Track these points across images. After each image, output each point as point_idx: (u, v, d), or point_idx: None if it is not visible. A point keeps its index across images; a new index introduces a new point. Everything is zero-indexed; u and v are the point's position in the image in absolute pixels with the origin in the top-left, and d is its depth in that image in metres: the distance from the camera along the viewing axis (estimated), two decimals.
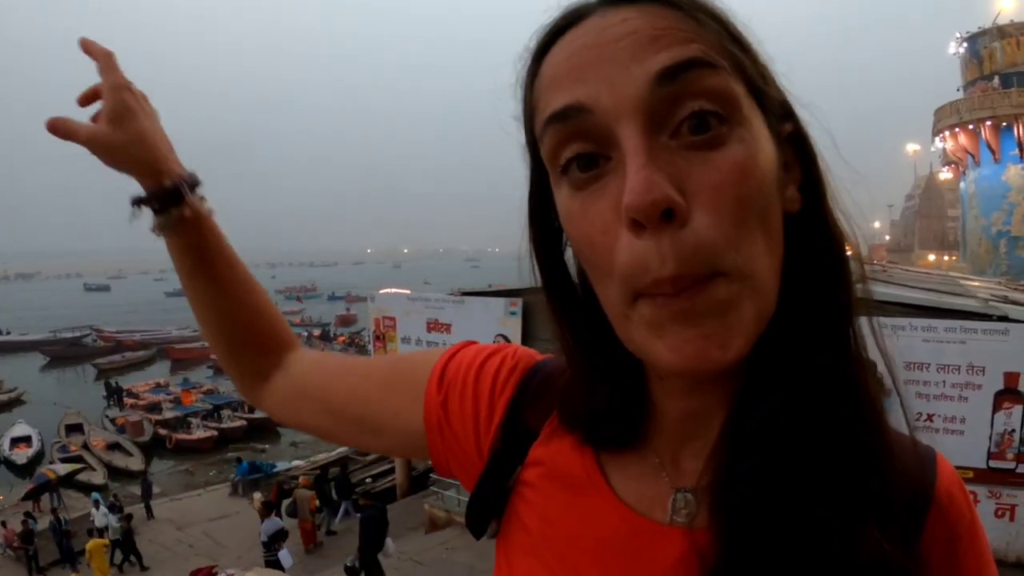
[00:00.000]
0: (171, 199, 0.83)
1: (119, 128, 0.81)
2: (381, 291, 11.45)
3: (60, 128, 0.80)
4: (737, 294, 0.50)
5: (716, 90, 0.49)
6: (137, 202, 0.84)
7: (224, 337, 0.91)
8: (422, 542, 10.95)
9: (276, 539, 10.40)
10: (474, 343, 0.82)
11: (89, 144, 0.81)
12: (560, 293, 0.64)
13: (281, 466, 17.93)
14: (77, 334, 54.70)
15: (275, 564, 10.20)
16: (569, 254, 0.63)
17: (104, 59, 0.83)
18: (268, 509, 10.88)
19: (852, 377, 0.56)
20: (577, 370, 0.66)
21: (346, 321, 61.75)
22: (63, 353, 48.72)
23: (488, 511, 0.72)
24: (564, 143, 0.53)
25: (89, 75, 0.85)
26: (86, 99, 0.84)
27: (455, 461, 0.77)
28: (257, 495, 14.93)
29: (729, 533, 0.55)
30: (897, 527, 0.55)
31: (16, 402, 33.62)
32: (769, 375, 0.55)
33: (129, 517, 14.53)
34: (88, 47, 0.84)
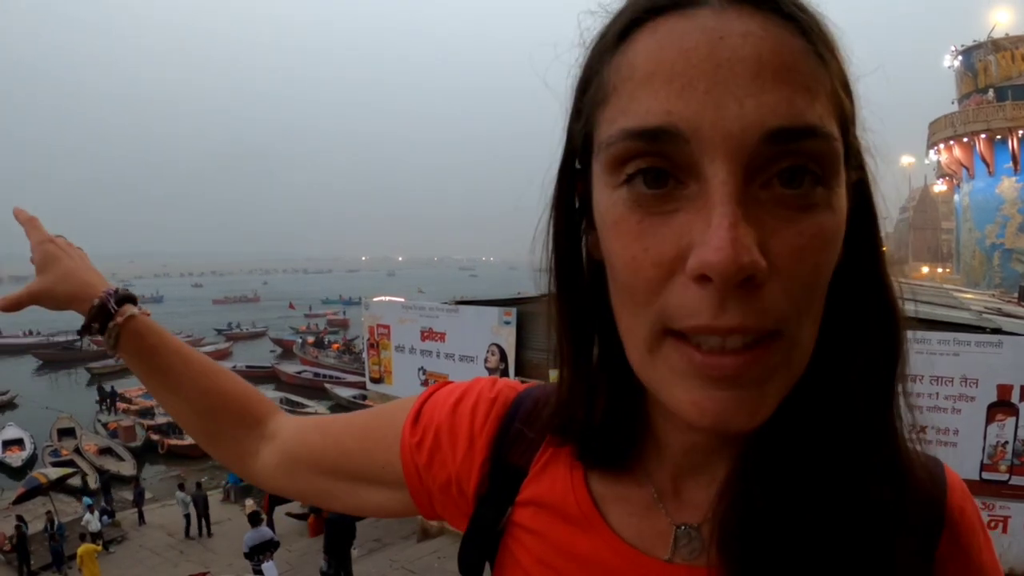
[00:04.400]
0: (104, 315, 0.89)
1: (47, 272, 0.92)
2: (375, 299, 11.37)
3: (9, 304, 0.92)
4: (785, 360, 0.47)
5: (821, 155, 0.46)
6: (83, 330, 0.92)
7: (200, 427, 0.91)
8: (414, 551, 10.89)
9: (261, 550, 10.00)
10: (449, 383, 0.79)
11: (31, 298, 0.92)
12: (570, 291, 0.59)
13: None
14: (71, 337, 54.11)
15: None
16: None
17: (28, 223, 0.96)
18: (253, 520, 10.47)
19: (881, 423, 0.54)
20: (573, 379, 0.62)
21: (336, 325, 61.55)
22: (56, 356, 48.37)
23: (481, 554, 0.70)
24: (638, 157, 0.47)
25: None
26: (6, 307, 0.93)
27: (439, 504, 0.75)
28: (249, 501, 14.79)
29: (745, 574, 0.52)
30: (915, 558, 0.55)
31: (8, 405, 33.19)
32: (796, 421, 0.52)
33: (199, 485, 15.85)
34: (17, 214, 0.97)
